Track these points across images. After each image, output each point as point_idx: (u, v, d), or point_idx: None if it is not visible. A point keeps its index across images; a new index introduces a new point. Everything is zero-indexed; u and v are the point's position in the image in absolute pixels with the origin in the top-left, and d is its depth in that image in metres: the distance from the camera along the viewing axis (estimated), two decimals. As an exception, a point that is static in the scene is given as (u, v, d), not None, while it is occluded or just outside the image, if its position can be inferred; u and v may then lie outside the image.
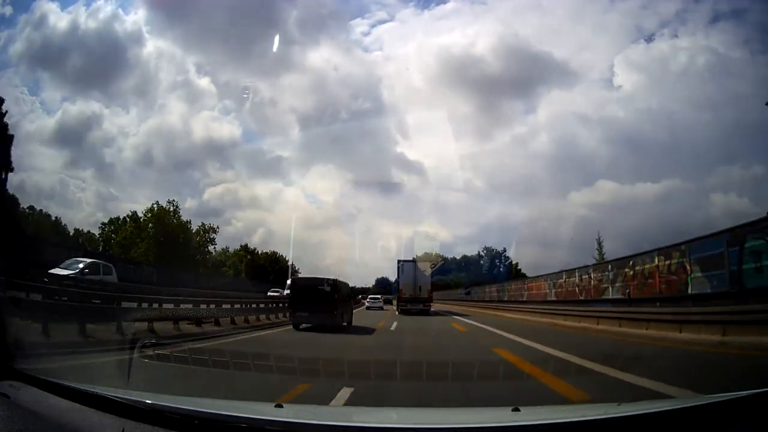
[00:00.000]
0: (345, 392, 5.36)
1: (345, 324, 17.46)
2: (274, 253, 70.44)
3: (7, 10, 51.92)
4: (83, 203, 66.22)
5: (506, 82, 77.48)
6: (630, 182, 71.40)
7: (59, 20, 59.77)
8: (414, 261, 34.90)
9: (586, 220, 63.01)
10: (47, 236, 41.61)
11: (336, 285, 17.09)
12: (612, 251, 39.84)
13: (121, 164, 66.13)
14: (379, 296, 44.62)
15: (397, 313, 31.74)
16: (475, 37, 75.46)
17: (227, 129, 73.91)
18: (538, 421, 2.38)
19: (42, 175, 62.77)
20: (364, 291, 62.25)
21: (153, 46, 78.00)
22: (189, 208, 76.50)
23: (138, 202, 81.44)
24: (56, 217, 54.21)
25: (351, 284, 24.43)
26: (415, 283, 32.10)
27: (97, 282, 17.58)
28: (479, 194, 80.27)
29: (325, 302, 16.26)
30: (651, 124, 61.12)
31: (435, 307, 35.69)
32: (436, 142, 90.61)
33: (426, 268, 33.96)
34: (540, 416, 2.70)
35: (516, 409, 2.59)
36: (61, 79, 68.55)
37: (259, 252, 69.24)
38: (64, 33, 59.69)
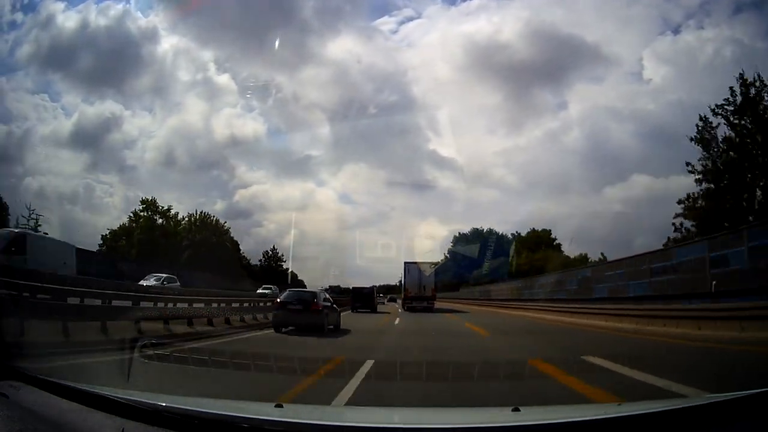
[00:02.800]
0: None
1: (376, 309, 33.35)
2: (205, 216, 48.56)
3: (19, 15, 51.16)
4: (111, 208, 64.14)
5: (536, 78, 76.80)
6: (664, 175, 68.41)
7: (68, 20, 57.68)
8: (418, 262, 37.74)
9: (621, 215, 61.08)
10: None
11: (373, 289, 36.39)
12: (645, 247, 38.11)
13: (145, 166, 63.10)
14: (381, 294, 56.08)
15: (399, 310, 34.48)
16: (503, 28, 74.40)
17: (253, 127, 71.59)
18: (538, 421, 2.38)
19: (62, 180, 60.63)
20: (392, 288, 65.49)
21: (168, 42, 75.94)
22: (219, 210, 72.62)
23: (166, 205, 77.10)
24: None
25: (380, 281, 40.44)
26: (420, 282, 35.41)
27: None
28: (512, 191, 78.64)
29: (368, 298, 33.49)
30: (682, 117, 60.35)
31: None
32: (468, 138, 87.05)
33: (427, 269, 36.69)
34: (540, 416, 2.70)
35: (516, 409, 2.59)
36: (77, 81, 67.39)
37: (176, 213, 47.39)
38: (77, 32, 57.10)
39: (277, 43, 62.57)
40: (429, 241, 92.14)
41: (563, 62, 70.62)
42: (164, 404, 2.29)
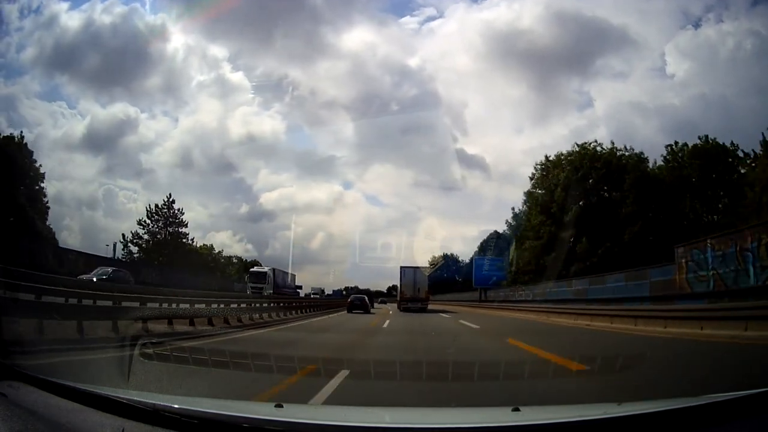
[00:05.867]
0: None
1: (373, 305, 41.38)
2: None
3: (26, 22, 50.53)
4: (134, 213, 63.81)
5: (562, 69, 74.87)
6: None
7: (71, 20, 57.14)
8: (413, 267, 40.30)
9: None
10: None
11: (371, 292, 58.74)
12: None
13: (163, 169, 62.39)
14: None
15: (390, 312, 35.00)
16: (524, 15, 73.26)
17: (275, 127, 71.82)
18: (538, 421, 2.38)
19: (78, 184, 60.85)
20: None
21: (179, 40, 76.14)
22: (243, 213, 70.89)
23: (192, 210, 75.66)
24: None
25: (392, 282, 53.64)
26: (414, 285, 37.66)
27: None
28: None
29: (370, 298, 38.91)
30: (705, 111, 58.21)
31: None
32: (494, 136, 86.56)
33: (421, 273, 39.31)
34: (540, 416, 2.70)
35: (516, 409, 2.59)
36: (92, 83, 67.14)
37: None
38: (85, 33, 56.59)
39: (293, 38, 62.20)
40: (449, 242, 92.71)
41: (589, 48, 69.41)
42: (164, 404, 2.29)
